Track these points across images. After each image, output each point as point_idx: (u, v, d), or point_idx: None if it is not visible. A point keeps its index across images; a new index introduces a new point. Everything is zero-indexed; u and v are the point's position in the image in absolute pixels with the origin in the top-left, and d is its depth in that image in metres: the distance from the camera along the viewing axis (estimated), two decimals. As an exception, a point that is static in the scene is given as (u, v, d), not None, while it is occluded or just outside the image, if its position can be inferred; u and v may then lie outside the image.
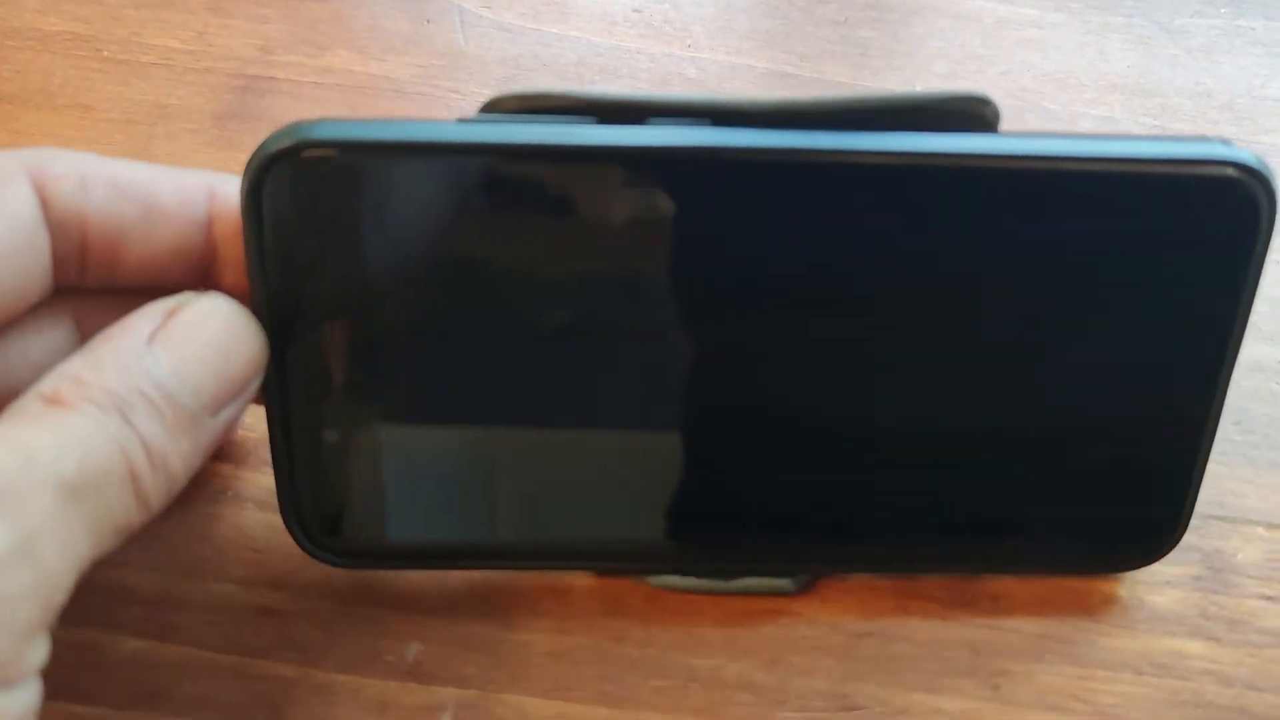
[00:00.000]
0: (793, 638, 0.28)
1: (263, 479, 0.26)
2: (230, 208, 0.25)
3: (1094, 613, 0.28)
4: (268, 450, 0.26)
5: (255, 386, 0.24)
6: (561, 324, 0.25)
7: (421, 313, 0.25)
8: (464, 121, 0.24)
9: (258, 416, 0.26)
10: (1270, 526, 0.29)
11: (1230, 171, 0.24)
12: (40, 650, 0.20)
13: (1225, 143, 0.24)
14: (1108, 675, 0.27)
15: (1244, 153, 0.24)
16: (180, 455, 0.22)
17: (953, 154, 0.24)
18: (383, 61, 0.39)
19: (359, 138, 0.24)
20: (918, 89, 0.24)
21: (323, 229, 0.24)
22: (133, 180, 0.24)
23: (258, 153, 0.23)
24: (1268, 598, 0.28)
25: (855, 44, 0.40)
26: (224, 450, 0.29)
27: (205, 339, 0.23)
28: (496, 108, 0.24)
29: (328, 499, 0.26)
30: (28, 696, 0.20)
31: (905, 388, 0.26)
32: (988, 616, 0.28)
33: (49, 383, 0.21)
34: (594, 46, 0.40)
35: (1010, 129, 0.24)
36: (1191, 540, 0.29)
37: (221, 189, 0.25)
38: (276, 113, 0.37)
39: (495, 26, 0.40)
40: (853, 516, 0.28)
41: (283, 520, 0.26)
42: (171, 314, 0.23)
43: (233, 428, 0.24)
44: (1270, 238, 0.24)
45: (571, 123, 0.24)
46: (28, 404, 0.21)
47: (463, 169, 0.24)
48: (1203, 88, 0.39)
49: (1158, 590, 0.28)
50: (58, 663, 0.20)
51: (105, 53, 0.38)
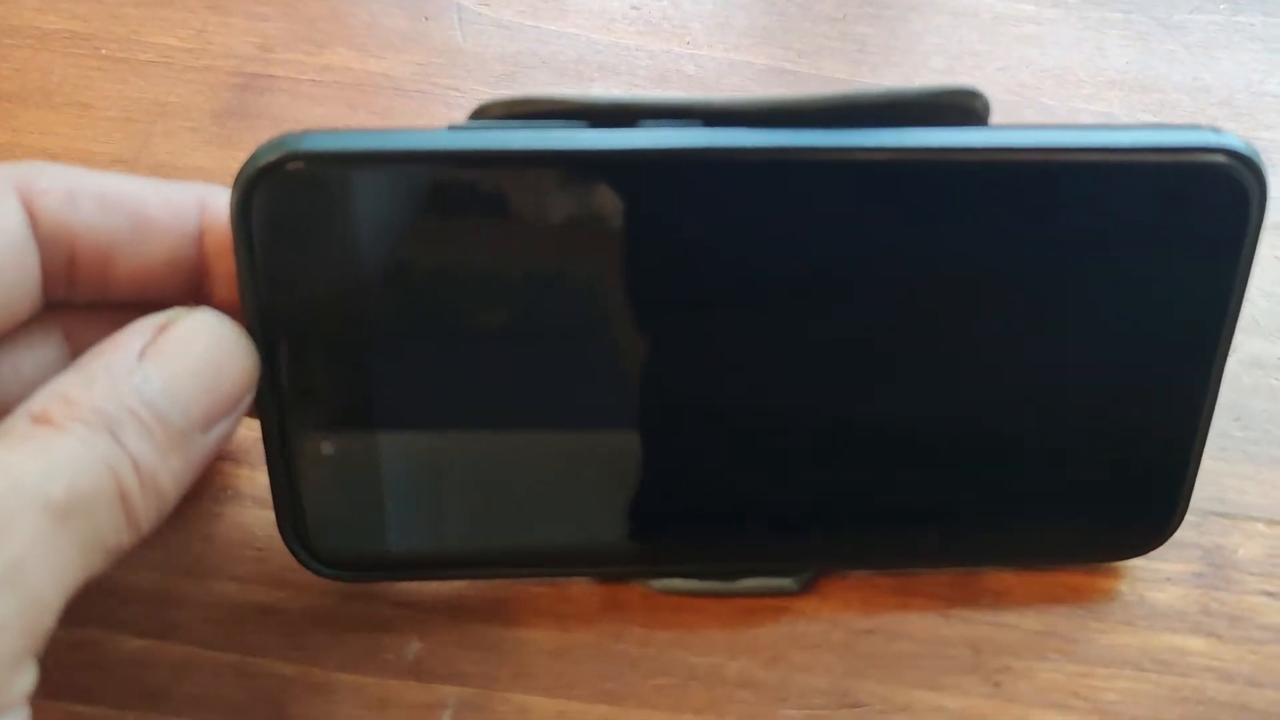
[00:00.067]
0: (793, 635, 0.28)
1: (263, 477, 0.26)
2: (221, 220, 0.24)
3: (1095, 609, 0.28)
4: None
5: (247, 402, 0.24)
6: (559, 329, 0.25)
7: (414, 321, 0.25)
8: (453, 128, 0.24)
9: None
10: (1271, 522, 0.29)
11: (1219, 158, 0.24)
12: (27, 677, 0.20)
13: (1214, 130, 0.24)
14: (1109, 672, 0.27)
15: (1232, 139, 0.24)
16: (171, 474, 0.22)
17: (942, 148, 0.24)
18: (381, 59, 0.39)
19: (346, 149, 0.23)
20: (915, 84, 0.24)
21: (314, 240, 0.24)
22: (122, 193, 0.24)
23: (246, 166, 0.23)
24: (1269, 594, 0.28)
25: (853, 40, 0.40)
26: (224, 450, 0.29)
27: (196, 355, 0.22)
28: (485, 114, 0.24)
29: (327, 512, 0.26)
30: None
31: (900, 382, 0.26)
32: (989, 613, 0.28)
33: (38, 401, 0.21)
34: (593, 43, 0.40)
35: (1002, 122, 0.24)
36: (1192, 536, 0.29)
37: (212, 201, 0.25)
38: (276, 110, 0.37)
39: (494, 24, 0.40)
40: (853, 513, 0.28)
41: (280, 536, 0.26)
42: (162, 330, 0.22)
43: (225, 443, 0.24)
44: (1261, 223, 0.24)
45: (561, 127, 0.24)
46: (15, 424, 0.21)
47: (451, 177, 0.24)
48: (1201, 83, 0.39)
49: (1158, 587, 0.28)
50: (58, 662, 0.20)
51: (104, 51, 0.38)
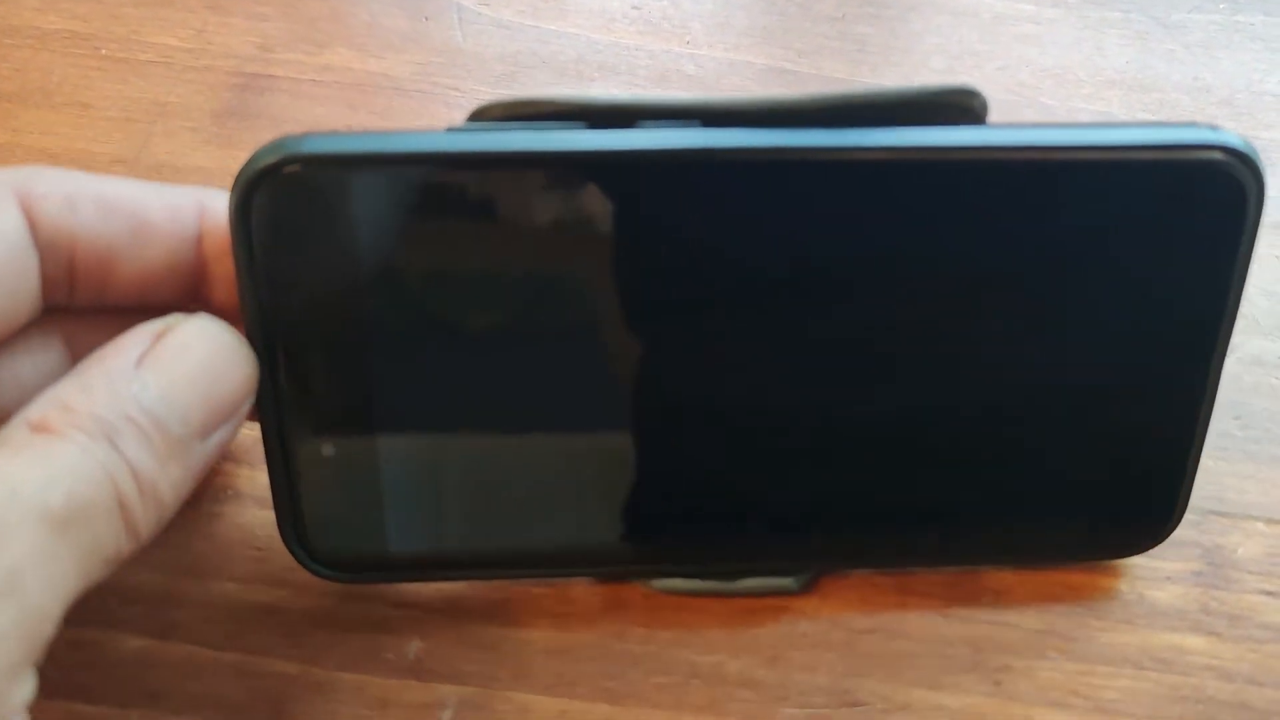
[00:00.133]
0: (794, 634, 0.28)
1: (263, 478, 0.26)
2: (220, 223, 0.24)
3: (1095, 608, 0.28)
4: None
5: (246, 409, 0.24)
6: (558, 329, 0.25)
7: (413, 323, 0.25)
8: (452, 130, 0.24)
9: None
10: (1271, 522, 0.29)
11: (1217, 155, 0.24)
12: (26, 688, 0.19)
13: (1212, 127, 0.24)
14: (1109, 670, 0.27)
15: (1230, 136, 0.24)
16: (170, 482, 0.22)
17: (940, 147, 0.24)
18: (381, 59, 0.39)
19: (345, 151, 0.23)
20: (913, 84, 0.24)
21: (313, 242, 0.24)
22: (121, 197, 0.24)
23: (245, 168, 0.23)
24: (1268, 593, 0.28)
25: (853, 40, 0.40)
26: (224, 451, 0.29)
27: (194, 362, 0.22)
28: (484, 116, 0.24)
29: (327, 514, 0.26)
30: None
31: (900, 381, 0.26)
32: (989, 612, 0.28)
33: (36, 409, 0.21)
34: (593, 43, 0.40)
35: (1000, 121, 0.24)
36: (1192, 535, 0.29)
37: (211, 205, 0.25)
38: (276, 110, 0.37)
39: (494, 24, 0.40)
40: (853, 512, 0.28)
41: (281, 538, 0.26)
42: (159, 337, 0.22)
43: (225, 450, 0.23)
44: (1259, 221, 0.24)
45: (560, 129, 0.24)
46: (14, 432, 0.20)
47: (450, 179, 0.24)
48: (1201, 83, 0.39)
49: (1158, 585, 0.28)
50: (58, 661, 0.20)
51: (104, 51, 0.38)
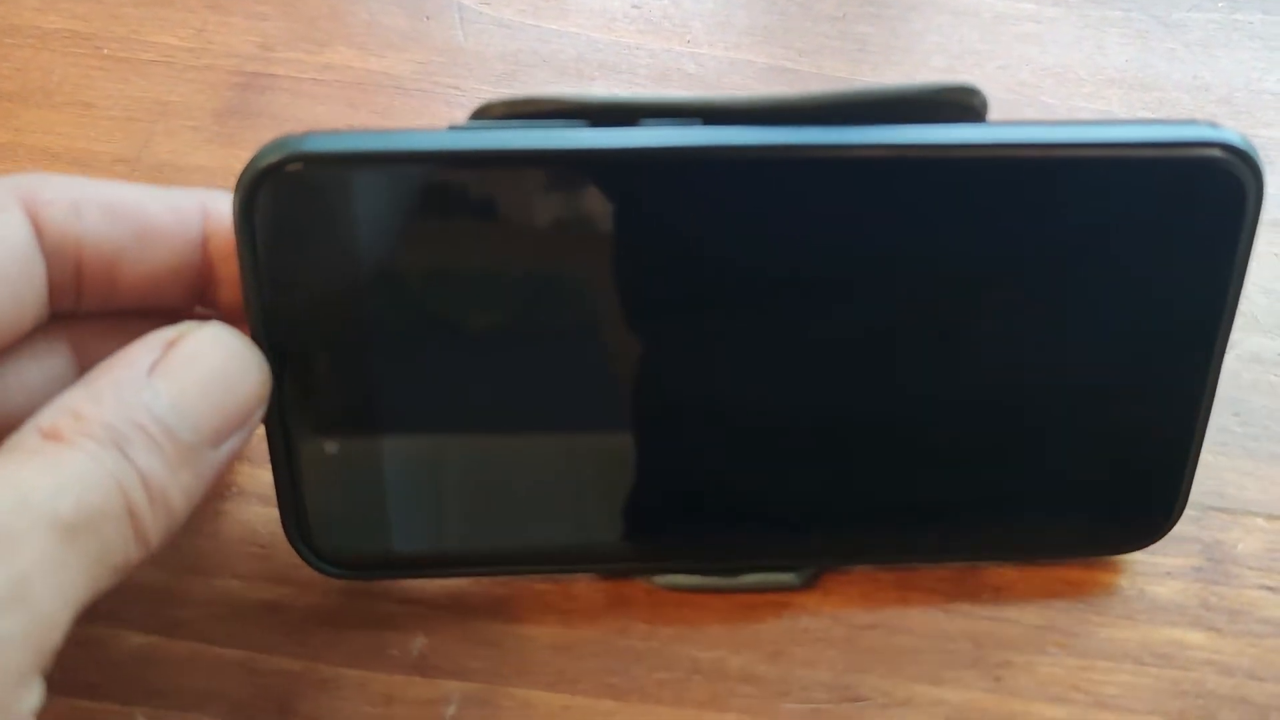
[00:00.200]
0: (795, 630, 0.28)
1: (267, 475, 0.26)
2: (225, 225, 0.24)
3: (1095, 603, 0.28)
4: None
5: (258, 417, 0.24)
6: (562, 327, 0.25)
7: (416, 321, 0.25)
8: (454, 129, 0.24)
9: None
10: (1270, 518, 0.30)
11: (1216, 152, 0.24)
12: (34, 695, 0.19)
13: (1211, 124, 0.24)
14: (1109, 665, 0.27)
15: (1229, 133, 0.24)
16: (180, 490, 0.21)
17: (941, 145, 0.24)
18: (382, 58, 0.39)
19: (348, 149, 0.23)
20: (914, 82, 0.24)
21: (317, 241, 0.24)
22: (125, 202, 0.24)
23: (248, 167, 0.23)
24: (1268, 588, 0.29)
25: (853, 39, 0.40)
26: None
27: (206, 371, 0.22)
28: (486, 114, 0.24)
29: (331, 511, 0.26)
30: None
31: (901, 377, 0.26)
32: (989, 608, 0.28)
33: (46, 416, 0.21)
34: (593, 42, 0.40)
35: (1000, 119, 0.24)
36: (1192, 531, 0.29)
37: (215, 207, 0.25)
38: (276, 109, 0.37)
39: (494, 23, 0.40)
40: (854, 509, 0.28)
41: (285, 535, 0.26)
42: (171, 345, 0.22)
43: (236, 458, 0.24)
44: (1258, 217, 0.24)
45: (562, 127, 0.24)
46: (24, 439, 0.20)
47: (453, 178, 0.24)
48: (1200, 81, 0.39)
49: (1158, 581, 0.29)
50: (63, 658, 0.20)
51: (105, 50, 0.38)
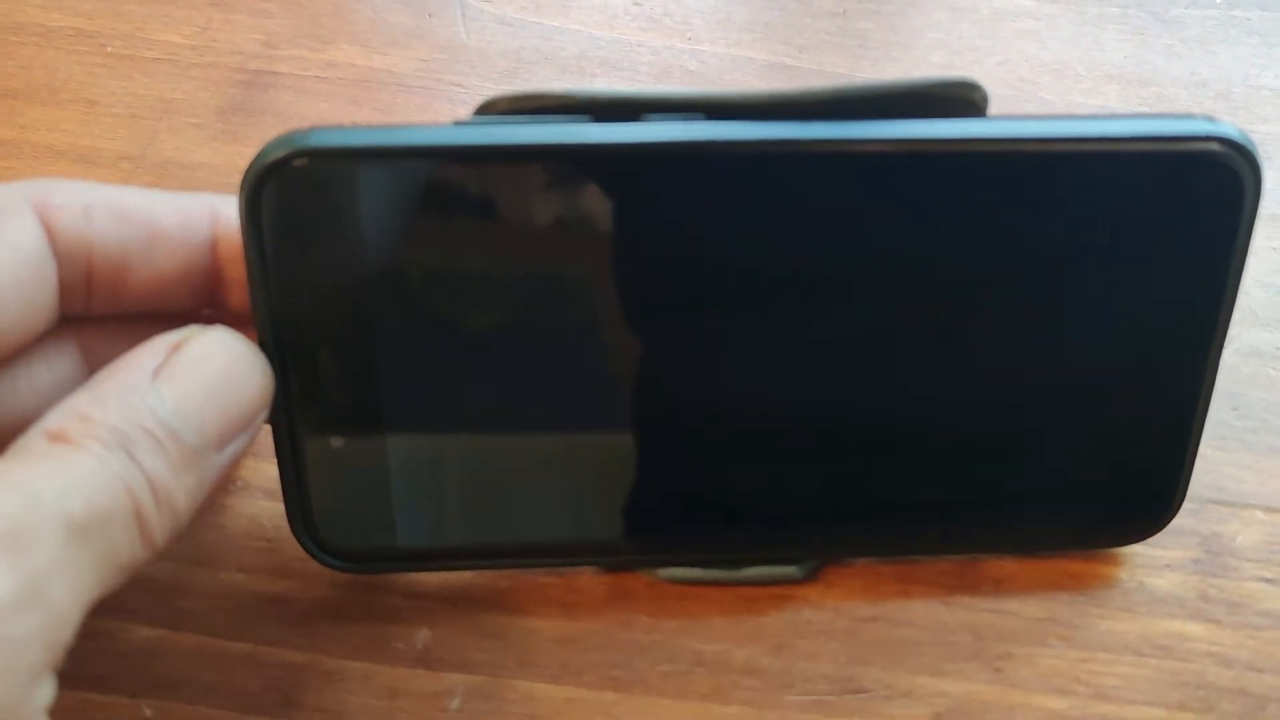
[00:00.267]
0: (798, 623, 0.28)
1: (271, 469, 0.26)
2: (233, 229, 0.24)
3: (1095, 596, 0.28)
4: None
5: (261, 420, 0.24)
6: (567, 322, 0.25)
7: (422, 316, 0.25)
8: (459, 124, 0.24)
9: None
10: (1269, 510, 0.30)
11: (1214, 146, 0.24)
12: (46, 691, 0.20)
13: (1209, 119, 0.24)
14: (1109, 657, 0.28)
15: (1227, 127, 0.24)
16: (185, 492, 0.22)
17: (942, 139, 0.24)
18: (385, 55, 0.39)
19: (353, 144, 0.23)
20: (914, 77, 0.24)
21: (323, 235, 0.24)
22: (135, 206, 0.24)
23: (254, 163, 0.23)
24: (1267, 580, 0.29)
25: (854, 35, 0.41)
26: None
27: (209, 374, 0.22)
28: (491, 109, 0.24)
29: (335, 505, 0.26)
30: None
31: (901, 370, 0.26)
32: (990, 600, 0.28)
33: (54, 419, 0.21)
34: (595, 40, 0.40)
35: (1000, 113, 0.25)
36: (1191, 524, 0.29)
37: (223, 211, 0.25)
38: (280, 107, 0.37)
39: (496, 20, 0.40)
40: (855, 502, 0.28)
41: (290, 529, 0.26)
42: (176, 348, 0.22)
43: (239, 460, 0.24)
44: (1256, 210, 0.25)
45: (566, 122, 0.24)
46: (32, 441, 0.21)
47: (458, 173, 0.24)
48: (1198, 77, 0.40)
49: (1158, 573, 0.29)
50: (71, 650, 0.20)
51: (109, 48, 0.38)
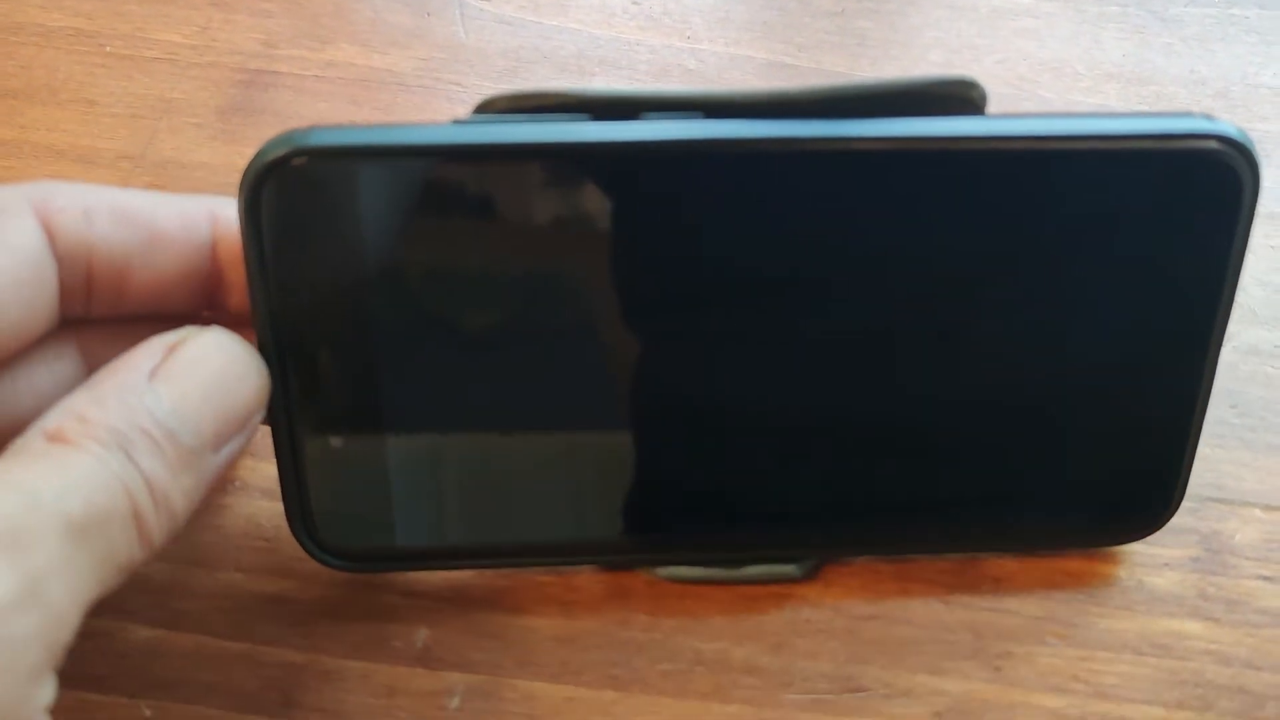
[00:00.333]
0: (797, 622, 0.28)
1: (270, 469, 0.27)
2: (233, 231, 0.24)
3: (1094, 594, 0.28)
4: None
5: (257, 421, 0.24)
6: (567, 321, 0.25)
7: (421, 315, 0.25)
8: (458, 123, 0.24)
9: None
10: (1268, 508, 0.30)
11: (1212, 144, 0.24)
12: (47, 691, 0.20)
13: (1207, 117, 0.24)
14: (1108, 656, 0.28)
15: (1226, 125, 0.24)
16: (182, 492, 0.22)
17: (941, 137, 0.24)
18: (385, 55, 0.39)
19: (353, 143, 0.24)
20: (913, 75, 0.24)
21: (322, 234, 0.24)
22: (135, 208, 0.24)
23: (253, 162, 0.23)
24: (1265, 578, 0.29)
25: (852, 34, 0.41)
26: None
27: (206, 375, 0.22)
28: (490, 108, 0.24)
29: (335, 505, 0.26)
30: None
31: (901, 368, 0.26)
32: (989, 599, 0.28)
33: (52, 419, 0.21)
34: (594, 39, 0.40)
35: (999, 112, 0.25)
36: (1190, 522, 0.29)
37: (223, 212, 0.25)
38: (280, 106, 0.37)
39: (495, 19, 0.40)
40: (855, 501, 0.28)
41: (289, 528, 0.26)
42: (172, 349, 0.22)
43: (236, 461, 0.24)
44: (1254, 208, 0.25)
45: (565, 121, 0.24)
46: (31, 442, 0.21)
47: (457, 171, 0.24)
48: (1197, 76, 0.40)
49: (1157, 572, 0.29)
50: (70, 650, 0.20)
51: (109, 48, 0.38)
